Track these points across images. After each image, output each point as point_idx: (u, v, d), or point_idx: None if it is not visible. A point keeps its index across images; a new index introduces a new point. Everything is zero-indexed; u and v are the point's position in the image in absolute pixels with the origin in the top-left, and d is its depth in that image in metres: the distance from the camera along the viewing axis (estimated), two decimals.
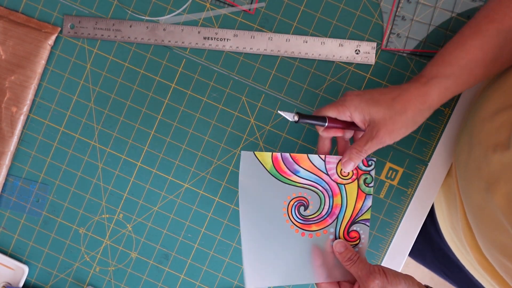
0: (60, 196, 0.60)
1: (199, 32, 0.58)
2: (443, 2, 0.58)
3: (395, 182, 0.60)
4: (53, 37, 0.58)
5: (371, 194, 0.50)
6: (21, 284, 0.59)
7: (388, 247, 0.60)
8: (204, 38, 0.58)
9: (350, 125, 0.49)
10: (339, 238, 0.49)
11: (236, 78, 0.59)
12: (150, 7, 0.59)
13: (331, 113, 0.48)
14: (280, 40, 0.58)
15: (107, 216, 0.60)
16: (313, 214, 0.49)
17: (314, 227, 0.50)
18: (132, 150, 0.59)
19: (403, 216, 0.60)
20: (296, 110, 0.53)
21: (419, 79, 0.47)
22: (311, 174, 0.49)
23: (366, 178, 0.50)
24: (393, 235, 0.60)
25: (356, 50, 0.58)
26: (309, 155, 0.49)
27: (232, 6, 0.58)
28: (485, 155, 0.45)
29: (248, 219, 0.48)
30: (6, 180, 0.60)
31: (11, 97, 0.58)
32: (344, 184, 0.50)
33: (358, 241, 0.50)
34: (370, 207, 0.50)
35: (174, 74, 0.59)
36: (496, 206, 0.42)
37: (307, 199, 0.49)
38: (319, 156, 0.49)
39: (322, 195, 0.49)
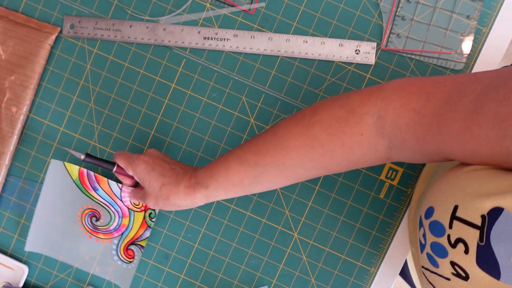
0: None
1: (199, 32, 0.58)
2: (443, 2, 0.58)
3: (395, 182, 0.60)
4: (53, 37, 0.58)
5: (151, 227, 0.58)
6: (21, 284, 0.59)
7: (388, 247, 0.60)
8: (204, 38, 0.58)
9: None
10: (120, 250, 0.58)
11: (236, 78, 0.59)
12: (150, 7, 0.59)
13: (122, 162, 0.52)
14: (280, 40, 0.58)
15: None
16: (102, 226, 0.58)
17: (101, 236, 0.58)
18: (132, 150, 0.59)
19: (403, 216, 0.60)
20: (87, 152, 0.58)
21: (191, 177, 0.49)
22: (107, 195, 0.57)
23: (151, 213, 0.57)
24: (393, 235, 0.60)
25: (356, 50, 0.58)
26: (109, 180, 0.56)
27: (232, 6, 0.58)
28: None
29: (46, 204, 0.57)
30: (6, 180, 0.60)
31: (11, 97, 0.58)
32: (134, 211, 0.57)
33: (132, 259, 0.58)
34: (147, 237, 0.58)
35: (174, 74, 0.59)
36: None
37: (99, 213, 0.57)
38: (117, 185, 0.56)
39: (113, 214, 0.57)
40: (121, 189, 0.56)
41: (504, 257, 0.29)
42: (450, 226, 0.33)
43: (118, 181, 0.57)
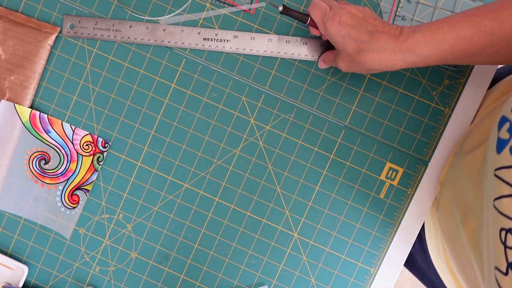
0: None
1: (199, 33, 0.58)
2: (443, 2, 0.58)
3: (395, 182, 0.60)
4: (53, 37, 0.58)
5: (98, 171, 0.59)
6: (21, 284, 0.59)
7: (388, 247, 0.60)
8: (204, 39, 0.58)
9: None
10: (64, 196, 0.59)
11: (236, 78, 0.59)
12: (150, 7, 0.59)
13: (316, 18, 0.49)
14: (280, 42, 0.58)
15: (107, 216, 0.60)
16: (50, 169, 0.59)
17: (47, 180, 0.59)
18: (132, 150, 0.59)
19: (403, 216, 0.60)
20: (283, 4, 0.55)
21: (401, 43, 0.46)
22: (59, 138, 0.58)
23: (99, 157, 0.59)
24: (393, 235, 0.60)
25: None
26: (63, 122, 0.58)
27: (232, 6, 0.58)
28: (462, 188, 0.46)
29: None
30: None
31: (11, 97, 0.58)
32: (82, 155, 0.58)
33: (76, 204, 0.59)
34: (93, 181, 0.59)
35: (174, 74, 0.59)
36: (465, 239, 0.43)
37: (49, 155, 0.58)
38: (70, 126, 0.58)
39: (62, 157, 0.58)
40: (73, 131, 0.58)
41: None
42: None
43: (71, 122, 0.59)
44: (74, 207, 0.59)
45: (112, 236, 0.60)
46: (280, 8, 0.50)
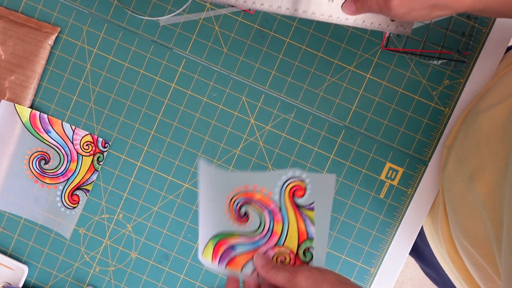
0: None
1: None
2: None
3: (395, 182, 0.60)
4: (53, 37, 0.58)
5: (98, 171, 0.59)
6: (21, 284, 0.59)
7: (388, 247, 0.60)
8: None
9: None
10: (64, 196, 0.59)
11: (236, 78, 0.59)
12: (150, 7, 0.59)
13: None
14: None
15: (107, 216, 0.60)
16: (50, 169, 0.59)
17: (47, 180, 0.59)
18: (132, 150, 0.59)
19: (403, 216, 0.60)
20: None
21: None
22: (60, 138, 0.58)
23: (99, 157, 0.59)
24: (393, 235, 0.60)
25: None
26: (63, 122, 0.58)
27: (232, 6, 0.58)
28: (477, 145, 0.46)
29: None
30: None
31: (11, 97, 0.58)
32: (82, 155, 0.58)
33: (76, 204, 0.59)
34: (93, 181, 0.59)
35: (174, 74, 0.59)
36: (478, 195, 0.43)
37: (49, 155, 0.58)
38: (70, 126, 0.58)
39: (62, 157, 0.59)
40: (73, 131, 0.58)
41: None
42: None
43: (70, 123, 0.59)
44: (74, 207, 0.59)
45: (112, 236, 0.60)
46: None
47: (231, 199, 0.45)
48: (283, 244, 0.45)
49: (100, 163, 0.59)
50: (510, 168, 0.38)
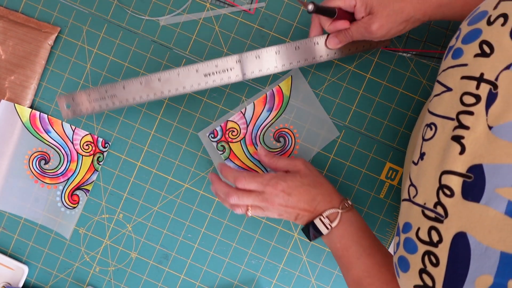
0: None
1: (197, 70, 0.51)
2: None
3: (395, 182, 0.60)
4: (53, 37, 0.58)
5: (98, 171, 0.59)
6: (21, 284, 0.59)
7: (388, 247, 0.60)
8: (205, 75, 0.52)
9: (348, 16, 0.51)
10: (64, 196, 0.59)
11: None
12: (150, 7, 0.58)
13: (338, 2, 0.49)
14: (289, 50, 0.52)
15: (107, 216, 0.60)
16: (50, 169, 0.59)
17: (47, 180, 0.59)
18: (132, 150, 0.59)
19: None
20: (312, 1, 0.49)
21: None
22: (60, 138, 0.58)
23: (99, 156, 0.59)
24: (393, 235, 0.60)
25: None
26: (63, 122, 0.59)
27: (232, 6, 0.58)
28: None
29: None
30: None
31: (11, 97, 0.58)
32: (82, 155, 0.59)
33: (76, 204, 0.59)
34: (93, 181, 0.59)
35: None
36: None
37: (49, 155, 0.58)
38: (70, 126, 0.58)
39: (62, 157, 0.59)
40: (73, 131, 0.58)
41: None
42: None
43: (70, 123, 0.58)
44: (74, 207, 0.59)
45: (112, 236, 0.60)
46: (310, 7, 0.47)
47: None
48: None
49: (100, 163, 0.59)
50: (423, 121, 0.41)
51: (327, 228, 0.49)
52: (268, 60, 0.52)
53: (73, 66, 0.59)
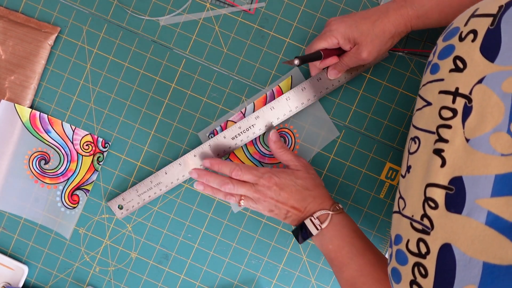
0: None
1: (224, 137, 0.56)
2: None
3: (395, 182, 0.60)
4: (53, 37, 0.58)
5: (98, 171, 0.59)
6: (21, 284, 0.59)
7: (388, 247, 0.60)
8: (232, 138, 0.56)
9: (337, 51, 0.54)
10: (64, 196, 0.59)
11: (236, 78, 0.59)
12: (150, 7, 0.59)
13: (322, 44, 0.52)
14: (297, 94, 0.57)
15: (107, 216, 0.60)
16: (50, 169, 0.59)
17: (47, 180, 0.59)
18: (132, 150, 0.59)
19: None
20: (296, 56, 0.55)
21: (396, 2, 0.50)
22: (59, 138, 0.58)
23: (99, 157, 0.59)
24: None
25: None
26: (63, 122, 0.58)
27: (232, 6, 0.58)
28: None
29: None
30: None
31: (11, 97, 0.58)
32: (82, 155, 0.59)
33: (76, 204, 0.59)
34: (93, 181, 0.59)
35: (174, 74, 0.59)
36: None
37: (49, 155, 0.58)
38: (70, 126, 0.59)
39: (62, 157, 0.59)
40: (73, 131, 0.58)
41: None
42: None
43: (71, 122, 0.59)
44: (74, 207, 0.59)
45: (112, 236, 0.60)
46: (297, 62, 0.50)
47: None
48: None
49: (100, 163, 0.59)
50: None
51: (317, 229, 0.50)
52: (283, 108, 0.57)
53: (73, 66, 0.59)
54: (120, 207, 0.58)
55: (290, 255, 0.60)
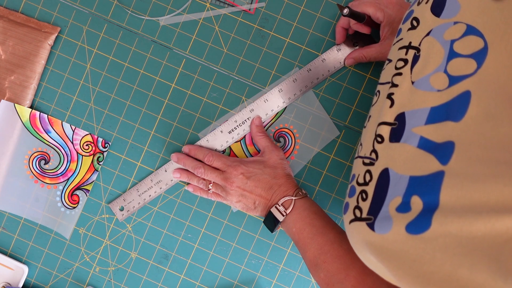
0: None
1: (221, 131, 0.58)
2: None
3: None
4: (53, 37, 0.58)
5: (98, 171, 0.59)
6: (21, 284, 0.59)
7: None
8: (229, 132, 0.58)
9: (373, 24, 0.55)
10: (64, 196, 0.59)
11: (236, 78, 0.59)
12: (150, 7, 0.58)
13: (370, 10, 0.53)
14: (288, 85, 0.58)
15: (107, 216, 0.60)
16: (50, 169, 0.59)
17: (47, 180, 0.59)
18: (132, 150, 0.59)
19: None
20: (347, 6, 0.56)
21: None
22: (59, 138, 0.59)
23: (99, 156, 0.59)
24: None
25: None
26: (63, 122, 0.59)
27: (232, 6, 0.58)
28: None
29: None
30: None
31: (11, 97, 0.58)
32: (82, 155, 0.59)
33: (76, 204, 0.59)
34: (93, 181, 0.59)
35: (174, 74, 0.59)
36: None
37: (49, 155, 0.59)
38: (70, 126, 0.59)
39: (62, 157, 0.59)
40: (73, 131, 0.58)
41: None
42: None
43: (71, 122, 0.59)
44: (74, 207, 0.59)
45: (112, 236, 0.60)
46: (346, 11, 0.51)
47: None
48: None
49: (100, 163, 0.59)
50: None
51: (283, 215, 0.52)
52: (276, 100, 0.58)
53: (73, 66, 0.59)
54: (121, 209, 0.58)
55: (290, 255, 0.60)
